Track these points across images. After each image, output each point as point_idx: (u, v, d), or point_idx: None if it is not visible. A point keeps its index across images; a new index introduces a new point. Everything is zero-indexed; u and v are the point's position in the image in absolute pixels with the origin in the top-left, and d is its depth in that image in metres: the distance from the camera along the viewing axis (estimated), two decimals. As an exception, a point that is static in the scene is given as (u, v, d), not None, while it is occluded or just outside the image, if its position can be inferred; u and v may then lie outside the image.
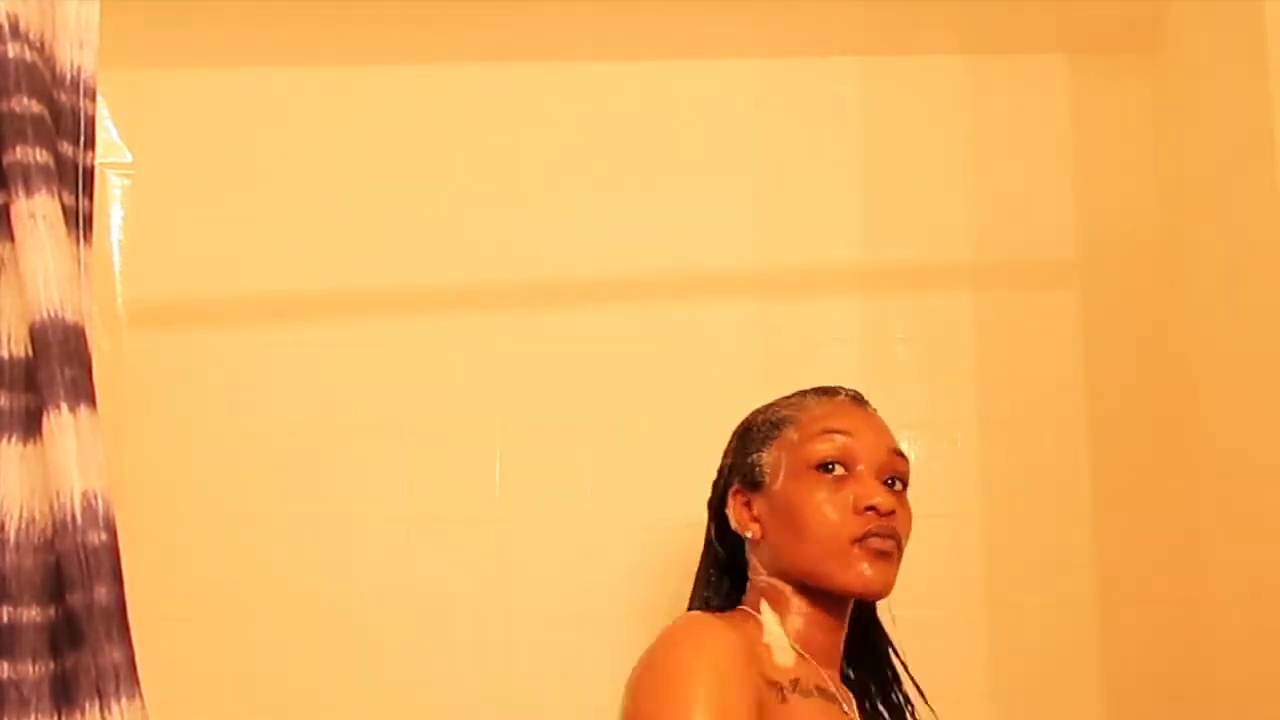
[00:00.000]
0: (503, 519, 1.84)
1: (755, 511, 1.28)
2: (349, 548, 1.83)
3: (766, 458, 1.29)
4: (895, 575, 1.22)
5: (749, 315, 1.90)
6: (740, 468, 1.32)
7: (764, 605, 1.26)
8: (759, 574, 1.28)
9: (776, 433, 1.29)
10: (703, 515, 1.50)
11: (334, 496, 1.85)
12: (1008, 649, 1.76)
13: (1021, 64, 1.94)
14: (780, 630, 1.23)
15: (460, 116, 1.96)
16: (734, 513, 1.31)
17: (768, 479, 1.28)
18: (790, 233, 1.91)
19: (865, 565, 1.20)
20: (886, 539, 1.20)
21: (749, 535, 1.28)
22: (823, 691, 1.21)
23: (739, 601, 1.29)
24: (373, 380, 1.89)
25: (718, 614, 1.26)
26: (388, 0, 1.83)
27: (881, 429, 1.28)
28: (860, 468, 1.23)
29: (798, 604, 1.25)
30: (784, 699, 1.16)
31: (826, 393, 1.32)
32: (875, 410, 1.31)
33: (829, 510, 1.21)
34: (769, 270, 1.91)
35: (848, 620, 1.28)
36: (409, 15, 1.87)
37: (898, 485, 1.26)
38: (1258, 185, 1.51)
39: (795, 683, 1.19)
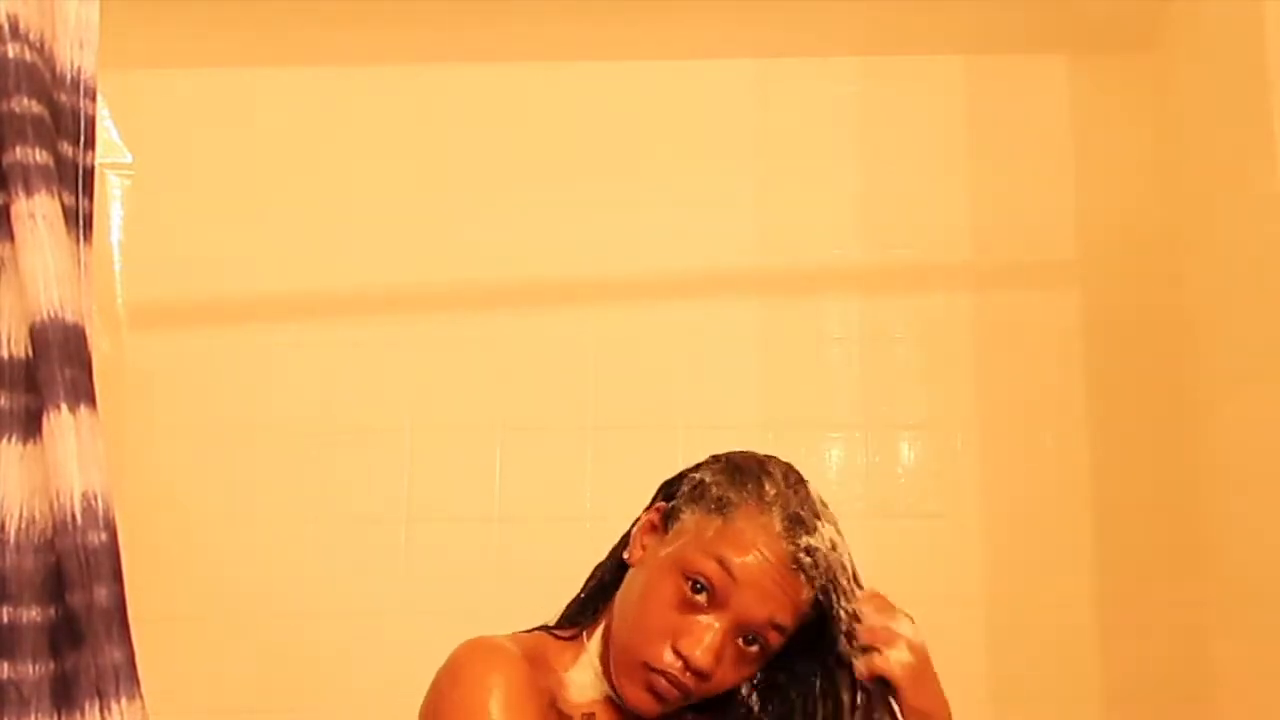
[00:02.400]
0: (503, 519, 1.84)
1: (646, 548, 1.18)
2: (349, 547, 1.83)
3: (686, 518, 1.16)
4: (667, 709, 1.11)
5: (749, 315, 1.89)
6: (672, 498, 1.21)
7: (595, 638, 1.19)
8: (615, 608, 1.18)
9: (712, 509, 1.15)
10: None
11: (334, 496, 1.85)
12: (1008, 649, 1.76)
13: (1021, 64, 1.94)
14: (596, 668, 1.17)
15: (460, 116, 1.96)
16: (637, 530, 1.21)
17: (669, 536, 1.17)
18: (790, 233, 1.91)
19: (637, 689, 1.11)
20: (672, 688, 1.09)
21: (627, 559, 1.19)
22: None
23: (592, 619, 1.22)
24: (373, 380, 1.89)
25: (525, 633, 1.21)
26: (388, 0, 1.83)
27: (782, 599, 1.10)
28: (726, 612, 1.10)
29: None
30: None
31: (785, 527, 1.12)
32: (797, 575, 1.11)
33: (657, 620, 1.11)
34: (769, 270, 1.91)
35: None
36: (409, 15, 1.87)
37: (754, 645, 1.11)
38: (1258, 185, 1.51)
39: (588, 717, 1.14)
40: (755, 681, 1.18)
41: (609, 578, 1.23)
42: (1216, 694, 1.66)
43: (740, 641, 1.11)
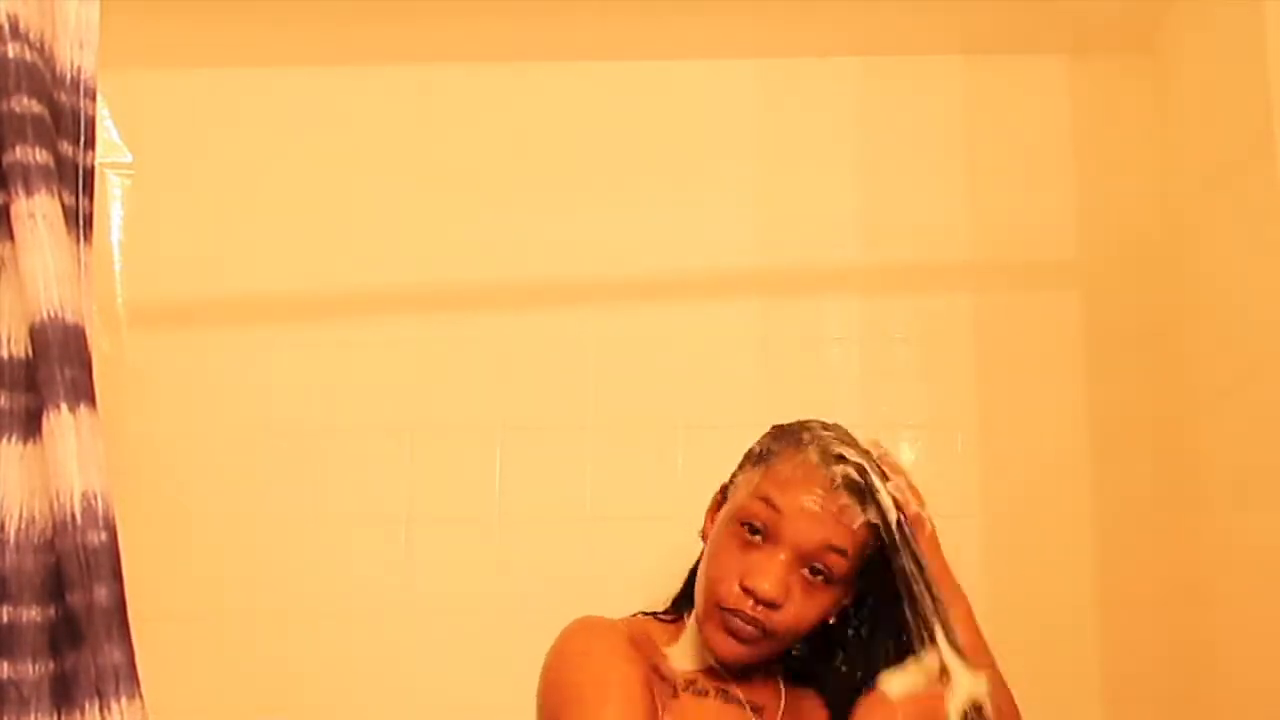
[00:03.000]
0: (503, 519, 1.84)
1: (713, 521, 1.29)
2: (349, 547, 1.83)
3: (740, 480, 1.28)
4: (751, 653, 1.20)
5: (749, 315, 1.89)
6: (732, 475, 1.32)
7: (693, 618, 1.27)
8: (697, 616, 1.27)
9: (758, 465, 1.26)
10: (699, 513, 1.51)
11: (334, 496, 1.85)
12: (1008, 649, 1.76)
13: (1021, 64, 1.94)
14: (696, 642, 1.25)
15: (460, 116, 1.96)
16: (706, 512, 1.32)
17: (728, 502, 1.28)
18: (790, 233, 1.91)
19: (719, 634, 1.20)
20: (746, 625, 1.18)
21: (700, 536, 1.30)
22: (724, 693, 1.22)
23: (692, 600, 1.29)
24: (373, 380, 1.89)
25: (631, 618, 1.29)
26: (388, 0, 1.83)
27: (828, 520, 1.19)
28: (782, 545, 1.19)
29: None
30: (675, 694, 1.19)
31: (821, 458, 1.22)
32: (846, 498, 1.21)
33: (723, 567, 1.21)
34: (769, 270, 1.91)
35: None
36: (409, 15, 1.86)
37: (820, 577, 1.20)
38: (1258, 185, 1.51)
39: (690, 683, 1.21)
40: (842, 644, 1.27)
41: (697, 563, 1.30)
42: (1216, 694, 1.66)
43: (805, 572, 1.19)
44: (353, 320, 1.91)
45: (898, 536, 1.21)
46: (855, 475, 1.21)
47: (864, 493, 1.21)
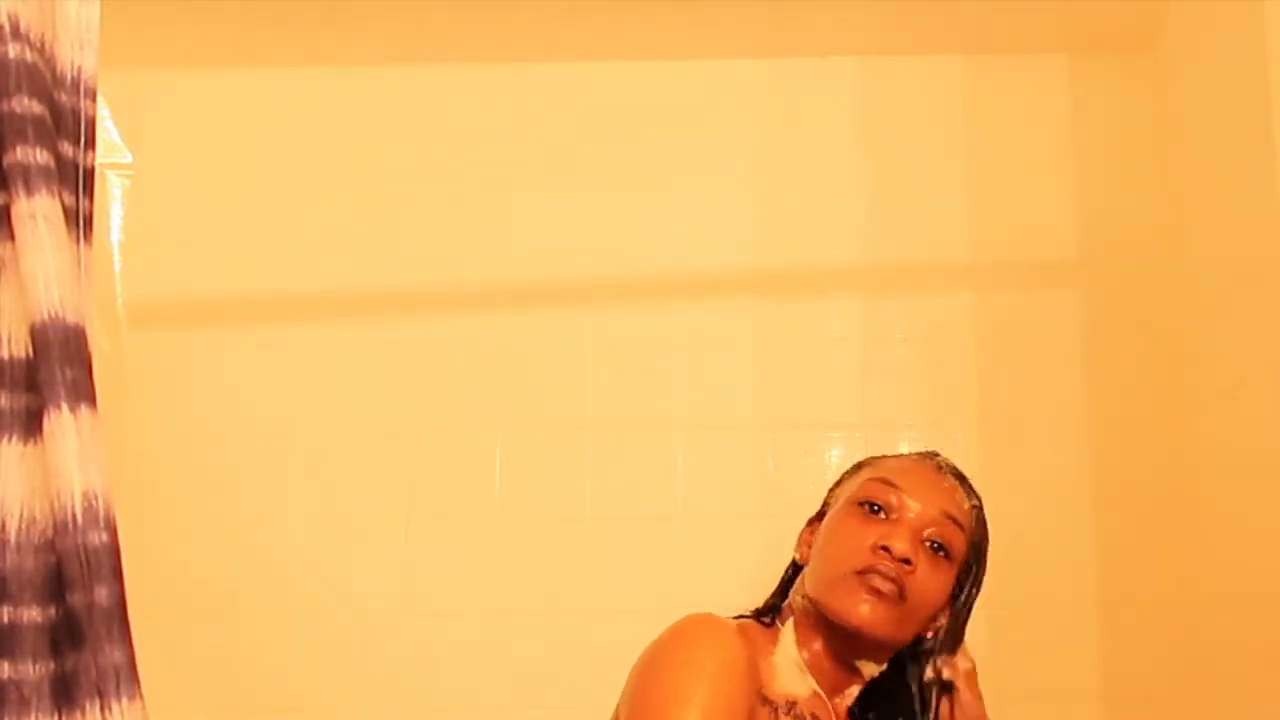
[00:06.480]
0: (503, 519, 1.84)
1: (812, 539, 1.32)
2: (349, 547, 1.83)
3: (838, 493, 1.33)
4: (888, 618, 1.21)
5: (749, 315, 1.90)
6: (825, 499, 1.37)
7: (789, 624, 1.28)
8: (796, 594, 1.30)
9: (855, 473, 1.33)
10: (701, 514, 1.50)
11: (333, 496, 1.85)
12: (1008, 649, 1.76)
13: (1021, 64, 1.94)
14: (794, 649, 1.25)
15: (460, 116, 1.96)
16: (800, 538, 1.34)
17: (829, 510, 1.32)
18: (790, 233, 1.92)
19: (855, 597, 1.21)
20: (887, 580, 1.20)
21: (797, 559, 1.32)
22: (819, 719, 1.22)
23: (779, 615, 1.31)
24: (373, 380, 1.89)
25: (736, 619, 1.28)
26: (388, 0, 1.83)
27: (944, 494, 1.28)
28: (902, 518, 1.24)
29: (816, 629, 1.26)
30: (777, 716, 1.18)
31: (920, 455, 1.35)
32: (954, 480, 1.31)
33: (851, 540, 1.23)
34: (769, 270, 1.91)
35: (868, 658, 1.27)
36: (408, 15, 1.87)
37: (941, 552, 1.25)
38: (1258, 185, 1.51)
39: (791, 705, 1.21)
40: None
41: (787, 575, 1.34)
42: (1216, 694, 1.66)
43: (929, 546, 1.24)
44: (353, 320, 1.92)
45: (980, 571, 1.32)
46: (955, 467, 1.32)
47: (966, 482, 1.32)
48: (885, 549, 1.21)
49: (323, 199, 1.95)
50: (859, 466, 1.34)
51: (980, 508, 1.32)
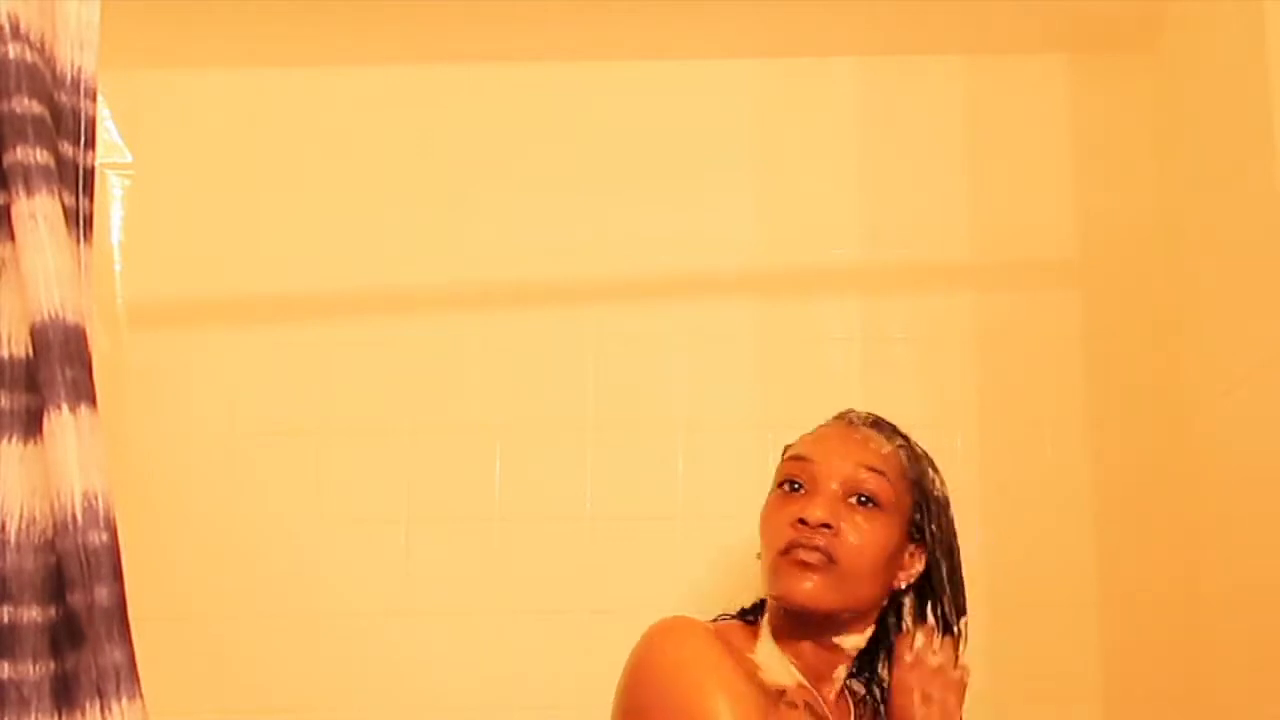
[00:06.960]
0: (502, 519, 1.84)
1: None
2: (349, 547, 1.83)
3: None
4: (825, 586, 1.20)
5: (749, 315, 1.90)
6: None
7: (764, 622, 1.28)
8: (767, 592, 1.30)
9: (784, 453, 1.33)
10: (699, 513, 1.50)
11: (334, 496, 1.85)
12: (1008, 649, 1.76)
13: (1021, 64, 1.94)
14: (773, 646, 1.25)
15: (460, 116, 1.96)
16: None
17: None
18: (790, 233, 1.91)
19: (789, 576, 1.21)
20: (811, 550, 1.20)
21: (758, 557, 1.31)
22: (811, 708, 1.21)
23: (761, 613, 1.31)
24: (372, 380, 1.89)
25: (715, 621, 1.28)
26: (387, 0, 1.83)
27: (856, 445, 1.27)
28: (816, 486, 1.24)
29: (784, 620, 1.26)
30: (775, 704, 1.18)
31: (834, 418, 1.34)
32: (868, 430, 1.29)
33: (773, 522, 1.25)
34: (769, 270, 1.91)
35: (841, 633, 1.26)
36: (408, 15, 1.86)
37: (870, 504, 1.24)
38: (1258, 184, 1.51)
39: (782, 694, 1.21)
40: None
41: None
42: (1216, 694, 1.66)
43: (854, 501, 1.23)
44: (353, 320, 1.91)
45: (933, 503, 1.29)
46: (872, 415, 1.31)
47: (885, 425, 1.30)
48: (802, 521, 1.21)
49: (322, 199, 1.95)
50: (790, 445, 1.33)
51: (907, 444, 1.30)
